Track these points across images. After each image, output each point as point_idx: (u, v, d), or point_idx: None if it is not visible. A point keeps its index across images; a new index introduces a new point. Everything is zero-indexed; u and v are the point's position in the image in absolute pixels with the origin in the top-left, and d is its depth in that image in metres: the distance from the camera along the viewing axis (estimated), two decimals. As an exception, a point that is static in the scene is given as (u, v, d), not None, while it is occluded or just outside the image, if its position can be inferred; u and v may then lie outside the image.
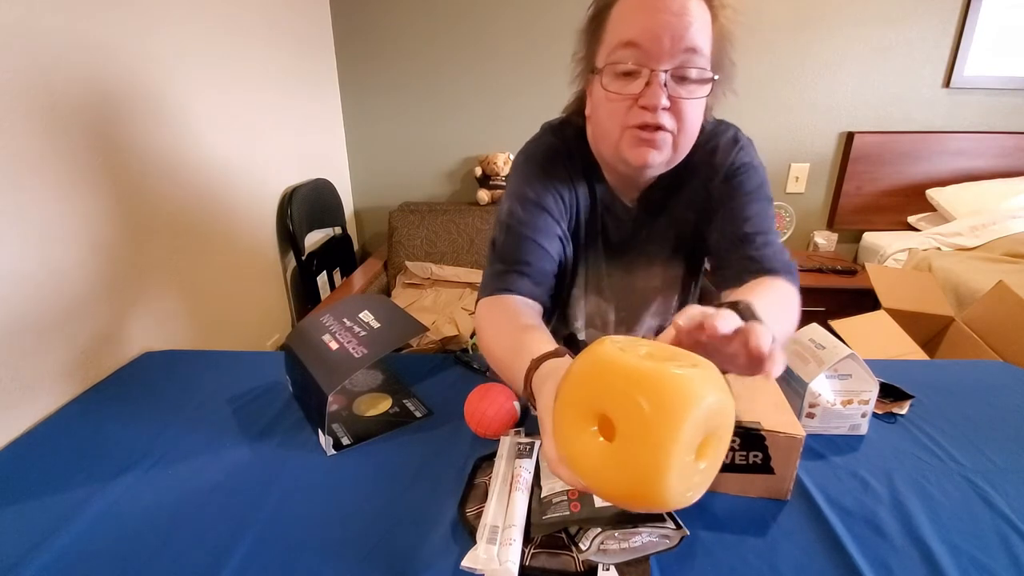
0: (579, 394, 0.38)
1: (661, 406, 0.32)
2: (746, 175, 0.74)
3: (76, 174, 0.90)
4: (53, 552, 0.54)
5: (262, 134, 1.58)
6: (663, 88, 0.61)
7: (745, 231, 0.72)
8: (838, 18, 2.03)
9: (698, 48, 0.61)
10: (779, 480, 0.58)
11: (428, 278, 1.99)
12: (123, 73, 1.01)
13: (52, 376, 0.84)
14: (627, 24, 0.63)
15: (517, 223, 0.73)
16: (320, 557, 0.53)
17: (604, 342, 0.38)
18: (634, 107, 0.63)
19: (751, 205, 0.73)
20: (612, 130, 0.67)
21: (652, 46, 0.61)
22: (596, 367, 0.37)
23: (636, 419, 0.33)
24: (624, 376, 0.34)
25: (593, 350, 0.38)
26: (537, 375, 0.51)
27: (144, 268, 1.06)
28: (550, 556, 0.50)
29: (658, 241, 0.82)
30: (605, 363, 0.36)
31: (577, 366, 0.39)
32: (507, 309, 0.68)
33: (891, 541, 0.53)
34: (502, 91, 2.19)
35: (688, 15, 0.60)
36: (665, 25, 0.60)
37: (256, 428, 0.74)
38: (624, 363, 0.35)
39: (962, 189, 2.08)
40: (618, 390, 0.34)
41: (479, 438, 0.70)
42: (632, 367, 0.35)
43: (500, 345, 0.63)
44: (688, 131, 0.66)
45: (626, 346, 0.38)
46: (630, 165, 0.67)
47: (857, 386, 0.67)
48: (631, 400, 0.33)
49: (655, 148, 0.65)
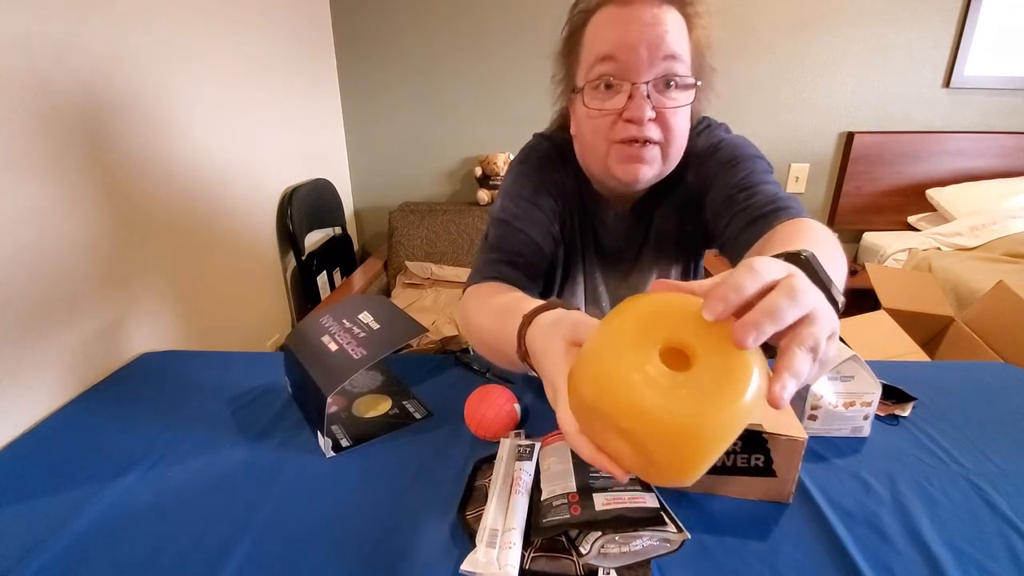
0: (586, 412, 0.34)
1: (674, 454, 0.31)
2: (722, 150, 0.70)
3: (75, 175, 0.89)
4: (52, 553, 0.54)
5: (262, 134, 1.58)
6: (646, 100, 0.61)
7: (738, 187, 0.66)
8: (838, 18, 2.02)
9: (677, 55, 0.61)
10: (781, 483, 0.57)
11: (428, 278, 1.99)
12: (123, 74, 1.01)
13: (51, 376, 0.83)
14: (602, 39, 0.62)
15: (511, 217, 0.73)
16: (319, 559, 0.52)
17: (624, 321, 0.34)
18: (619, 122, 0.63)
19: (735, 170, 0.67)
20: (598, 147, 0.66)
21: (629, 57, 0.60)
22: (598, 390, 0.33)
23: (645, 451, 0.31)
24: (628, 412, 0.31)
25: (602, 344, 0.34)
26: (533, 329, 0.46)
27: (144, 268, 1.06)
28: (550, 560, 0.50)
29: (652, 248, 0.81)
30: (606, 390, 0.32)
31: (582, 369, 0.35)
32: (496, 287, 0.66)
33: (893, 544, 0.53)
34: (502, 91, 2.19)
35: (662, 24, 0.60)
36: (640, 35, 0.59)
37: (255, 429, 0.74)
38: (630, 398, 0.31)
39: (962, 189, 2.08)
40: (624, 424, 0.31)
41: (479, 440, 0.70)
42: (633, 404, 0.31)
43: (487, 314, 0.59)
44: (676, 141, 0.65)
45: (646, 333, 0.34)
46: (620, 181, 0.66)
47: (859, 388, 0.67)
48: (636, 438, 0.31)
49: (644, 163, 0.64)
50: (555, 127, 0.78)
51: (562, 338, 0.41)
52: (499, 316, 0.55)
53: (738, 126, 0.76)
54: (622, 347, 0.33)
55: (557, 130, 0.78)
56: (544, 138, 0.79)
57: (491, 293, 0.65)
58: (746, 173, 0.67)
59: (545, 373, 0.42)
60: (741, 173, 0.67)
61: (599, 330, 0.35)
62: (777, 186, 0.66)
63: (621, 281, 0.84)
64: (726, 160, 0.69)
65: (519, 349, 0.48)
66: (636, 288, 0.84)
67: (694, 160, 0.73)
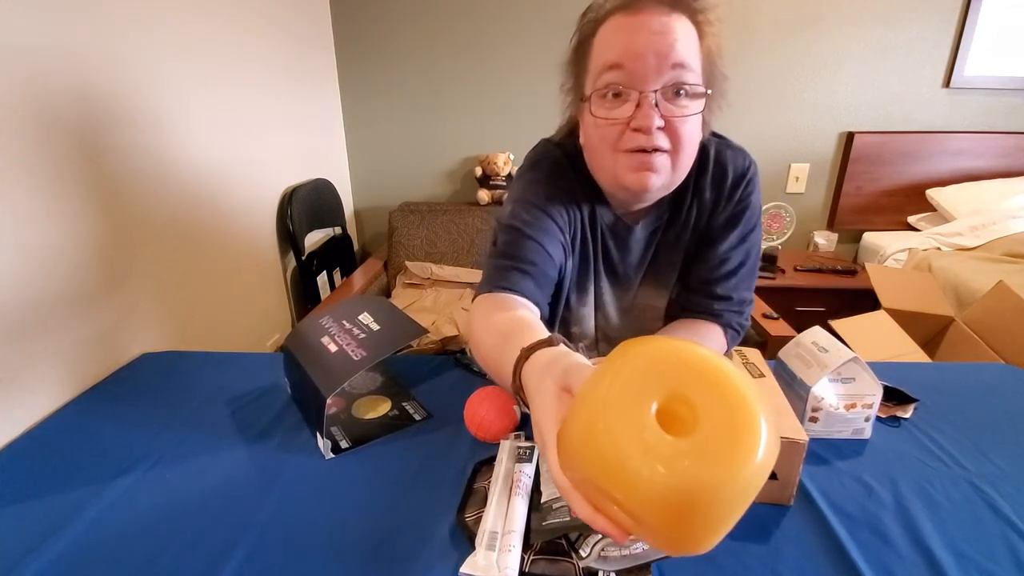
0: (576, 471, 0.31)
1: (668, 521, 0.28)
2: (747, 213, 0.76)
3: (75, 176, 0.89)
4: (51, 554, 0.54)
5: (262, 134, 1.58)
6: (655, 108, 0.60)
7: (714, 276, 0.77)
8: (838, 18, 2.02)
9: (686, 63, 0.60)
10: (782, 485, 0.57)
11: (428, 278, 1.99)
12: (123, 75, 1.01)
13: (51, 377, 0.83)
14: (610, 47, 0.62)
15: (522, 224, 0.71)
16: (317, 561, 0.52)
17: (617, 378, 0.31)
18: (627, 131, 0.62)
19: (734, 250, 0.76)
20: (606, 156, 0.65)
21: (637, 66, 0.59)
22: (588, 449, 0.30)
23: (636, 517, 0.28)
24: (620, 480, 0.29)
25: (595, 406, 0.31)
26: (529, 366, 0.44)
27: (143, 269, 1.06)
28: (550, 562, 0.49)
29: (663, 262, 0.80)
30: (597, 450, 0.29)
31: (574, 429, 0.32)
32: (504, 302, 0.65)
33: (895, 547, 0.53)
34: (502, 91, 2.19)
35: (671, 32, 0.59)
36: (648, 44, 0.59)
37: (255, 430, 0.74)
38: (618, 459, 0.29)
39: (962, 189, 2.08)
40: (616, 492, 0.29)
41: (478, 442, 0.70)
42: (625, 469, 0.28)
43: (491, 332, 0.58)
44: (686, 150, 0.64)
45: (641, 390, 0.31)
46: (629, 191, 0.66)
47: (860, 390, 0.67)
48: (630, 503, 0.28)
49: (653, 172, 0.63)
50: (564, 134, 0.77)
51: (553, 382, 0.39)
52: (501, 339, 0.54)
53: (738, 126, 0.76)
54: (615, 412, 0.30)
55: (567, 136, 0.77)
56: (555, 145, 0.77)
57: (498, 309, 0.63)
58: (738, 262, 0.77)
59: (534, 415, 0.40)
60: (738, 256, 0.77)
61: (591, 386, 0.32)
62: (748, 282, 0.79)
63: (625, 293, 0.83)
64: (739, 231, 0.76)
65: (514, 383, 0.46)
66: (642, 302, 0.84)
67: (731, 200, 0.75)
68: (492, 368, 0.57)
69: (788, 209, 2.18)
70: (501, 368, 0.50)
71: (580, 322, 0.84)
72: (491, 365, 0.57)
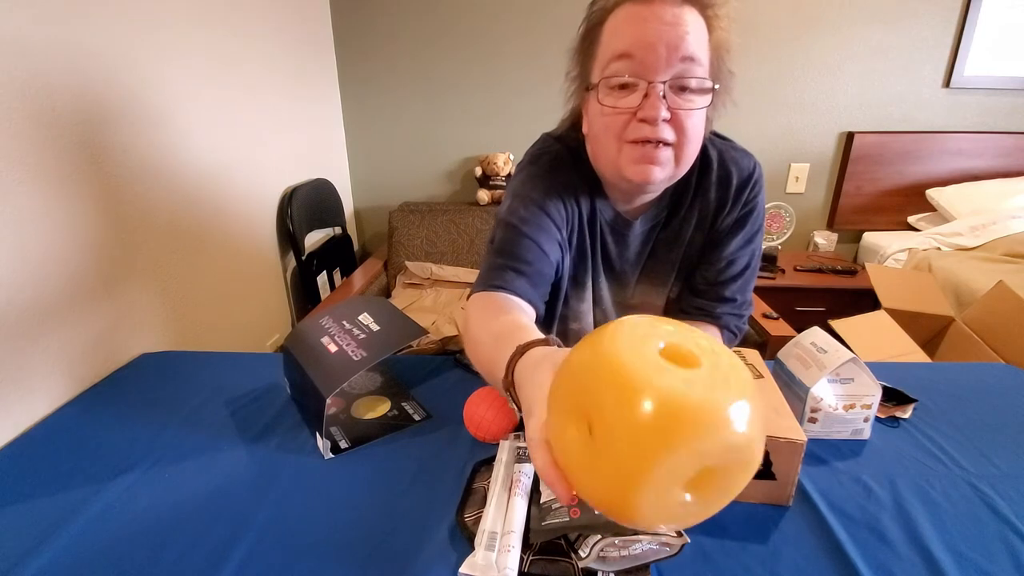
0: (571, 386, 0.32)
1: (650, 426, 0.27)
2: (753, 215, 0.77)
3: (74, 175, 0.89)
4: (50, 554, 0.54)
5: (262, 134, 1.58)
6: (662, 100, 0.60)
7: (721, 278, 0.79)
8: (838, 18, 2.02)
9: (695, 57, 0.60)
10: (781, 486, 0.57)
11: (428, 278, 1.99)
12: (123, 75, 1.01)
13: (51, 377, 0.83)
14: (620, 36, 0.61)
15: (519, 221, 0.71)
16: (317, 562, 0.52)
17: (622, 325, 0.32)
18: (632, 121, 0.62)
19: (741, 252, 0.78)
20: (610, 146, 0.65)
21: (647, 56, 0.59)
22: (595, 360, 0.31)
23: (616, 426, 0.28)
24: (620, 381, 0.28)
25: (602, 337, 0.32)
26: (524, 360, 0.45)
27: (143, 269, 1.06)
28: (549, 563, 0.49)
29: (660, 259, 0.80)
30: (604, 359, 0.30)
31: (577, 355, 0.33)
32: (500, 304, 0.65)
33: (894, 547, 0.53)
34: (502, 91, 2.19)
35: (682, 24, 0.59)
36: (659, 34, 0.59)
37: (254, 430, 0.74)
38: (625, 364, 0.29)
39: (962, 189, 2.08)
40: (609, 394, 0.29)
41: (478, 442, 0.70)
42: (632, 372, 0.28)
43: (486, 332, 0.58)
44: (690, 144, 0.64)
45: (646, 333, 0.31)
46: (631, 182, 0.65)
47: (859, 390, 0.67)
48: (619, 406, 0.28)
49: (657, 164, 0.63)
50: (566, 127, 0.77)
51: (551, 365, 0.39)
52: (496, 340, 0.54)
53: (738, 126, 0.76)
54: (623, 339, 0.30)
55: (568, 130, 0.76)
56: (555, 139, 0.77)
57: (494, 310, 0.63)
58: (744, 264, 0.79)
59: (524, 393, 0.41)
60: (744, 258, 0.79)
61: (594, 332, 0.33)
62: (751, 283, 0.81)
63: (623, 289, 0.83)
64: (749, 234, 0.78)
65: (506, 378, 0.46)
66: (639, 300, 0.84)
67: (736, 204, 0.75)
68: (485, 367, 0.57)
69: (788, 209, 2.18)
70: (494, 366, 0.50)
71: (579, 318, 0.84)
72: (484, 363, 0.57)
